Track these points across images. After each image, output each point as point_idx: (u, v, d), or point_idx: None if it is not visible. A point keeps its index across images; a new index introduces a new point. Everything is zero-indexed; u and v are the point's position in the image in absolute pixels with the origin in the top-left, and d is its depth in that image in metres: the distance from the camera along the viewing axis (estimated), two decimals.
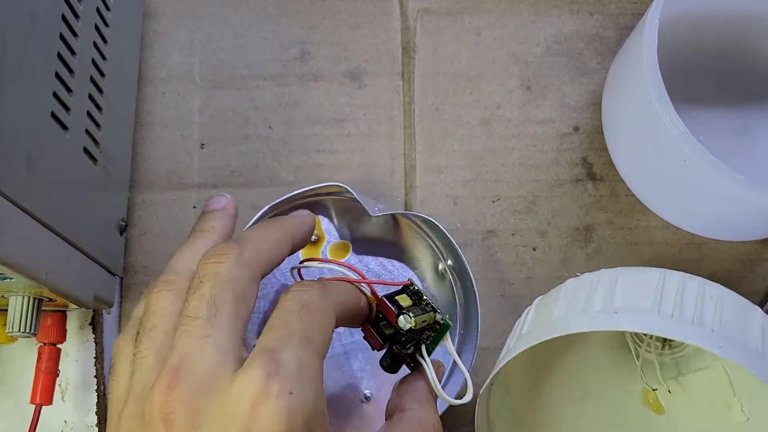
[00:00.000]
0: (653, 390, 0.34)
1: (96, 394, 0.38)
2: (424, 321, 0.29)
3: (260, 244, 0.26)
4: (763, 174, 0.41)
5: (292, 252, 0.28)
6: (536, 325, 0.28)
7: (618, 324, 0.25)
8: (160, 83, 0.42)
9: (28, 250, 0.27)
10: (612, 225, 0.41)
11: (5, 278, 0.27)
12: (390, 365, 0.30)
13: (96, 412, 0.38)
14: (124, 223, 0.39)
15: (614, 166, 0.41)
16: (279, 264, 0.28)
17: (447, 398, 0.30)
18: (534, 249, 0.41)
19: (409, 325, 0.29)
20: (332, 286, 0.27)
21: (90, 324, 0.39)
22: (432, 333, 0.30)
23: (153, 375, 0.23)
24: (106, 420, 0.38)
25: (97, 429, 0.38)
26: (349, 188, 0.36)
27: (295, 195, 0.37)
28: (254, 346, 0.23)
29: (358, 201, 0.36)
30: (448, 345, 0.31)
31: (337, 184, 0.37)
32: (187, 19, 0.43)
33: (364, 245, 0.38)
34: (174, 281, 0.26)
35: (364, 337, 0.31)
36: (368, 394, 0.37)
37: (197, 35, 0.43)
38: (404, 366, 0.31)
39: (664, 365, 0.34)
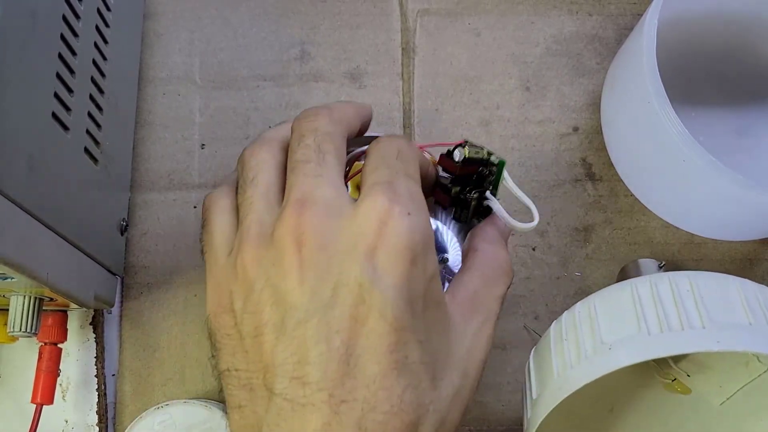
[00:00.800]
0: (672, 381, 0.33)
1: (97, 393, 0.38)
2: (477, 153, 0.31)
3: (343, 111, 0.29)
4: (762, 174, 0.41)
5: (359, 133, 0.30)
6: (542, 387, 0.27)
7: (616, 363, 0.25)
8: (160, 84, 0.42)
9: (29, 250, 0.27)
10: (611, 225, 0.41)
11: (6, 278, 0.27)
12: (461, 215, 0.33)
13: (97, 412, 0.38)
14: (124, 223, 0.39)
15: (613, 166, 0.41)
16: (354, 134, 0.30)
17: (515, 223, 0.32)
18: (533, 249, 0.41)
19: (462, 155, 0.31)
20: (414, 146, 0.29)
21: (91, 323, 0.39)
22: (490, 177, 0.33)
23: (267, 215, 0.25)
24: (106, 419, 0.38)
25: (97, 428, 0.38)
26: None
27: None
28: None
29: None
30: (509, 182, 0.33)
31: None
32: (188, 19, 0.43)
33: None
34: (267, 141, 0.28)
35: (435, 201, 0.34)
36: (446, 257, 0.36)
37: (197, 36, 0.43)
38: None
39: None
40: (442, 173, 0.33)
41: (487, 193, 0.33)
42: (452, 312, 0.26)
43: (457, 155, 0.32)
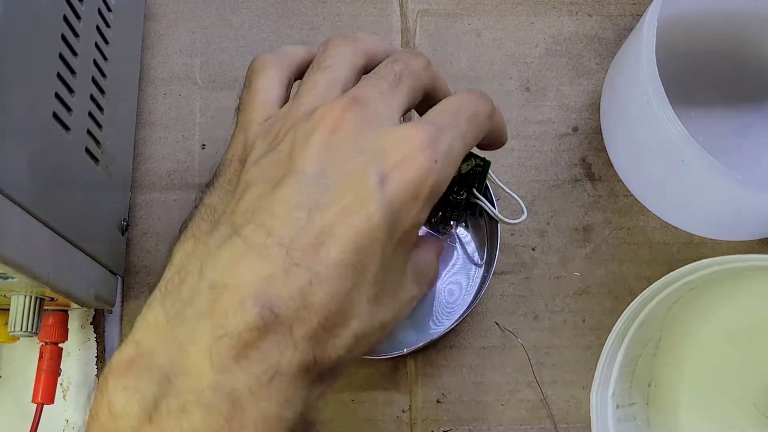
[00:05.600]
0: None
1: None
2: (468, 165, 0.34)
3: (441, 79, 0.30)
4: (761, 174, 0.41)
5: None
6: None
7: None
8: (161, 84, 0.42)
9: (30, 250, 0.27)
10: (611, 225, 0.41)
11: (7, 278, 0.27)
12: (453, 215, 0.35)
13: None
14: (125, 223, 0.39)
15: (613, 166, 0.41)
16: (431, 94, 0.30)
17: (505, 219, 0.35)
18: (533, 249, 0.41)
19: (459, 171, 0.33)
20: (498, 115, 0.30)
21: (91, 323, 0.39)
22: (476, 177, 0.35)
23: (321, 102, 0.26)
24: None
25: None
26: None
27: None
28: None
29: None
30: (496, 180, 0.36)
31: None
32: (188, 20, 0.43)
33: None
34: (358, 41, 0.29)
35: None
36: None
37: (198, 36, 0.43)
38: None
39: None
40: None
41: (474, 191, 0.35)
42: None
43: None
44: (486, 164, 0.34)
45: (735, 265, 0.28)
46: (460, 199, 0.35)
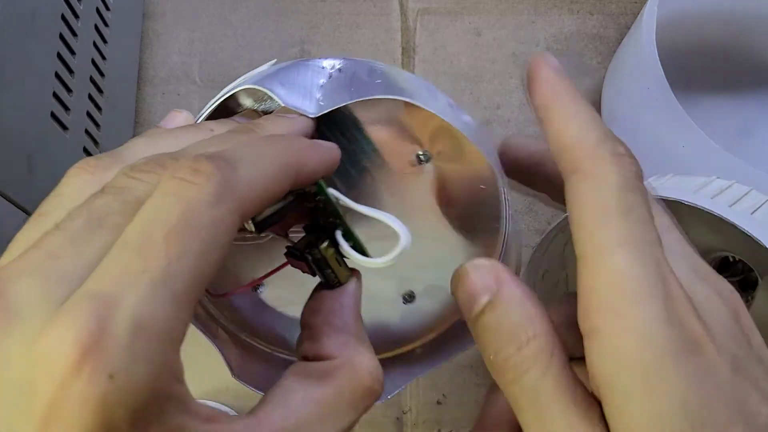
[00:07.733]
0: None
1: None
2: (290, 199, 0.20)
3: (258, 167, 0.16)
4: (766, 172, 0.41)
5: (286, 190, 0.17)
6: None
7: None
8: (159, 83, 0.42)
9: None
10: None
11: None
12: (332, 278, 0.21)
13: None
14: None
15: None
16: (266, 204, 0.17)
17: (374, 261, 0.20)
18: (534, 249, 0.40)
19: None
20: (249, 162, 0.16)
21: None
22: (325, 211, 0.21)
23: None
24: None
25: None
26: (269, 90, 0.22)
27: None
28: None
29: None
30: (347, 202, 0.20)
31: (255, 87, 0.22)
32: (187, 19, 0.43)
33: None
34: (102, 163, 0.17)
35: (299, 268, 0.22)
36: (413, 293, 0.26)
37: (197, 35, 0.43)
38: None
39: None
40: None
41: (337, 234, 0.21)
42: None
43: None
44: (318, 186, 0.20)
45: None
46: (325, 253, 0.21)
